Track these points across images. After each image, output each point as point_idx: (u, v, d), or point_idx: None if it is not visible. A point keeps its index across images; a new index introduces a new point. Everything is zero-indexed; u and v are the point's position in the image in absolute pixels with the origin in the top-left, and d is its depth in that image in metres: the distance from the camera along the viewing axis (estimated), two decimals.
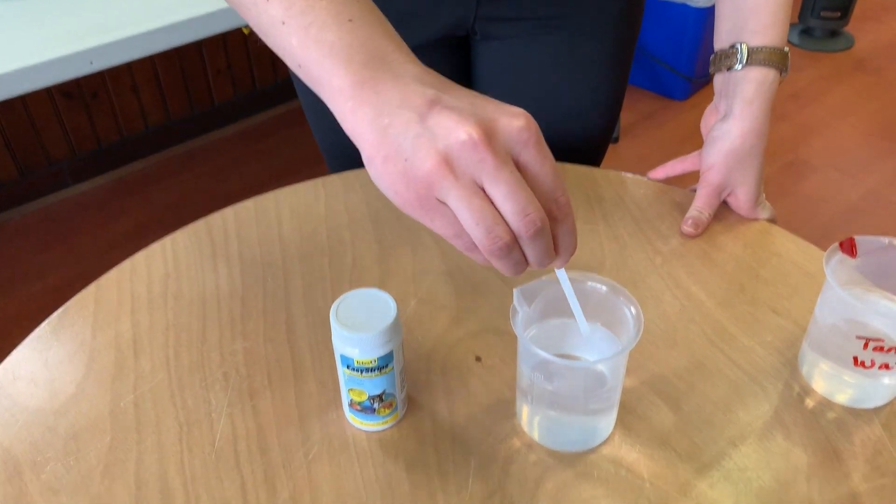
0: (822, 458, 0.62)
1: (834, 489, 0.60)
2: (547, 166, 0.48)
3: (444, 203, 0.47)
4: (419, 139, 0.46)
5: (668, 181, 0.91)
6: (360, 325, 0.59)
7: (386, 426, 0.65)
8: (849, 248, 0.64)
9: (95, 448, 0.64)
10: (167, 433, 0.65)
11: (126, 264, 0.82)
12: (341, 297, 0.61)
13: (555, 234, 0.50)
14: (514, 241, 0.47)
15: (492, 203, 0.47)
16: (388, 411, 0.64)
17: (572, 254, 0.52)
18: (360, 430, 0.65)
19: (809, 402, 0.66)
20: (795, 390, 0.67)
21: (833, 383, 0.66)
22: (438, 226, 0.47)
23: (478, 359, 0.71)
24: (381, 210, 0.87)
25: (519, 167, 0.47)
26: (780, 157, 2.60)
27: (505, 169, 0.46)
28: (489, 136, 0.45)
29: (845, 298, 0.60)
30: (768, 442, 0.63)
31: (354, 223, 0.86)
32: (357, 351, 0.59)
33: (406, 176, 0.46)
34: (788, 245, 0.82)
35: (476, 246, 0.47)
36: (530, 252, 0.49)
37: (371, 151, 0.47)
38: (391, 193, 0.47)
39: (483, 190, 0.46)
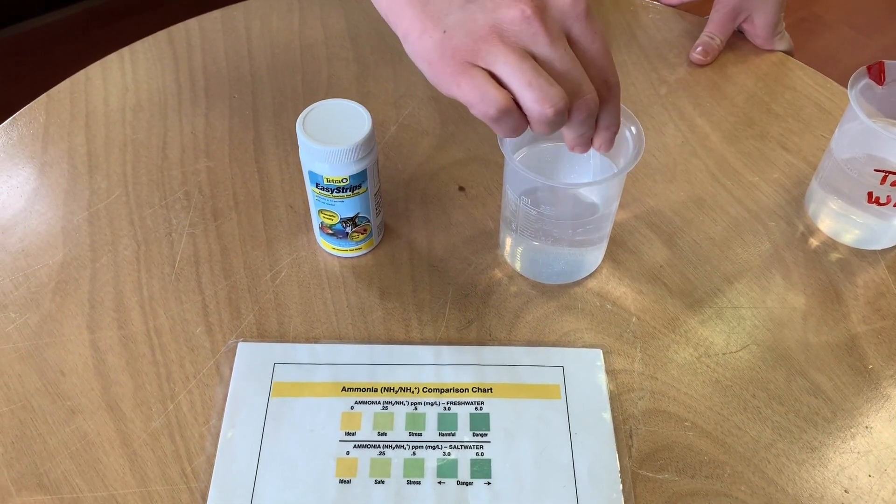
0: (822, 299, 0.58)
1: (831, 330, 0.57)
2: (598, 42, 0.44)
3: (478, 67, 0.42)
4: (464, 12, 0.43)
5: (683, 7, 0.82)
6: (330, 138, 0.53)
7: (359, 252, 0.61)
8: (877, 73, 0.57)
9: (46, 265, 0.59)
10: (123, 252, 0.60)
11: (80, 75, 0.74)
12: (309, 107, 0.54)
13: (598, 115, 0.45)
14: (567, 108, 0.42)
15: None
16: (361, 237, 0.60)
17: (615, 133, 0.47)
18: (331, 255, 0.61)
19: (813, 242, 0.62)
20: (799, 229, 0.63)
21: (840, 222, 0.61)
22: (465, 89, 0.42)
23: (461, 188, 0.66)
24: (361, 25, 0.79)
25: (570, 42, 0.43)
26: (793, 12, 2.46)
27: (559, 44, 0.42)
28: (541, 9, 0.42)
29: (869, 127, 0.54)
30: (766, 280, 0.60)
31: (331, 39, 0.78)
32: (327, 167, 0.54)
33: (442, 46, 0.42)
34: (805, 79, 0.75)
35: (501, 113, 0.42)
36: (575, 130, 0.45)
37: (407, 26, 0.44)
38: (424, 65, 0.44)
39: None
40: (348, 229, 0.58)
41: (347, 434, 0.51)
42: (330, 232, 0.59)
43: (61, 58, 2.07)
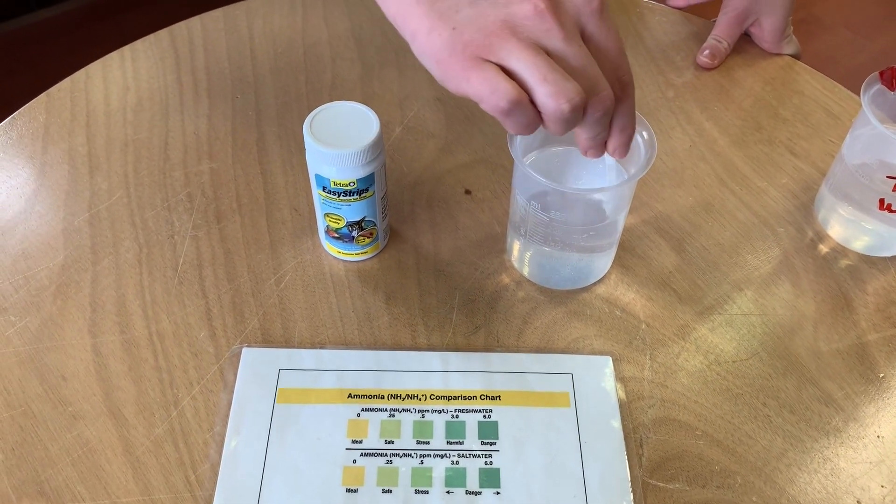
0: (832, 306, 0.58)
1: (841, 338, 0.56)
2: (613, 39, 0.43)
3: (489, 62, 0.41)
4: (474, 8, 0.41)
5: (690, 9, 0.82)
6: (337, 142, 0.52)
7: (365, 256, 0.60)
8: (889, 79, 0.57)
9: (47, 267, 0.58)
10: (125, 254, 0.59)
11: (80, 74, 0.73)
12: (317, 109, 0.53)
13: (612, 116, 0.44)
14: (583, 105, 0.41)
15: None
16: (367, 241, 0.59)
17: (630, 137, 0.46)
18: (337, 259, 0.60)
19: (823, 249, 0.62)
20: (809, 235, 0.63)
21: (851, 229, 0.61)
22: (475, 82, 0.40)
23: (467, 192, 0.65)
24: (365, 25, 0.78)
25: (584, 39, 0.42)
26: (792, 13, 2.46)
27: (573, 40, 0.41)
28: (555, 4, 0.41)
29: (882, 133, 0.54)
30: (776, 287, 0.59)
31: (335, 39, 0.77)
32: (334, 170, 0.53)
33: (452, 42, 0.41)
34: (813, 83, 0.75)
35: (513, 106, 0.40)
36: (590, 131, 0.44)
37: (415, 27, 0.42)
38: (433, 63, 0.42)
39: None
40: (354, 233, 0.57)
41: (354, 442, 0.50)
42: (336, 236, 0.58)
43: (58, 53, 2.05)
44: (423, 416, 0.51)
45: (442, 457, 0.49)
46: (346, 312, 0.57)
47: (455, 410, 0.52)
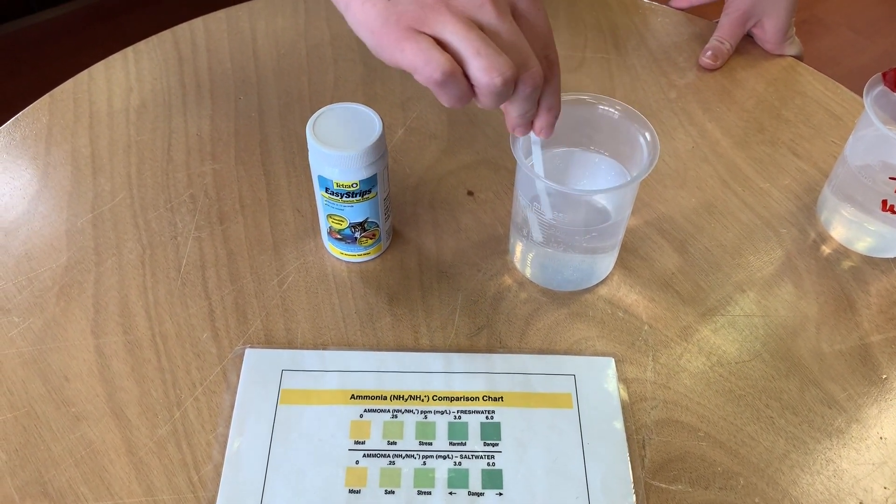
0: (835, 308, 0.58)
1: (844, 339, 0.56)
2: (542, 18, 0.44)
3: (423, 33, 0.41)
4: None
5: (692, 11, 0.82)
6: (340, 143, 0.52)
7: (368, 258, 0.60)
8: (892, 80, 0.57)
9: (50, 268, 0.58)
10: (128, 255, 0.59)
11: (83, 75, 0.73)
12: (320, 110, 0.53)
13: (540, 94, 0.45)
14: (514, 79, 0.42)
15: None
16: (370, 242, 0.59)
17: (556, 117, 0.46)
18: (339, 260, 0.60)
19: (825, 250, 0.62)
20: (811, 237, 0.63)
21: (853, 230, 0.61)
22: (409, 53, 0.41)
23: (470, 193, 0.65)
24: None
25: (515, 16, 0.43)
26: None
27: (505, 16, 0.42)
28: None
29: (885, 134, 0.54)
30: (778, 289, 0.59)
31: (337, 40, 0.77)
32: (337, 171, 0.53)
33: (386, 13, 0.41)
34: (815, 84, 0.75)
35: (446, 77, 0.41)
36: (519, 107, 0.44)
37: None
38: (366, 33, 0.43)
39: None
40: (357, 234, 0.58)
41: (357, 443, 0.50)
42: (338, 237, 0.58)
43: (60, 55, 2.06)
44: (425, 417, 0.51)
45: (444, 458, 0.49)
46: (349, 313, 0.57)
47: (457, 411, 0.52)
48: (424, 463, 0.49)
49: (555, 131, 0.47)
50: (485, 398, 0.52)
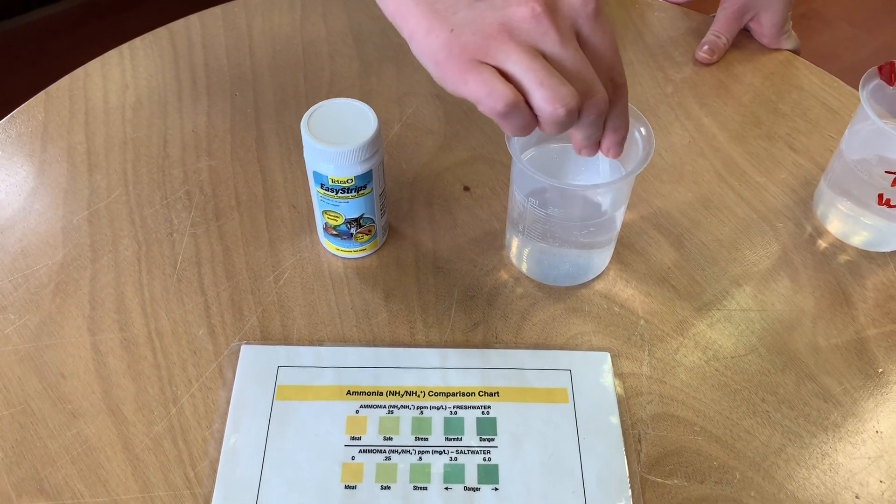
0: (831, 302, 0.58)
1: (840, 333, 0.56)
2: (608, 42, 0.43)
3: (486, 64, 0.41)
4: (472, 10, 0.42)
5: (689, 5, 0.82)
6: (335, 139, 0.52)
7: (364, 254, 0.60)
8: (888, 74, 0.57)
9: (46, 265, 0.58)
10: (124, 252, 0.59)
11: (79, 72, 0.73)
12: (314, 106, 0.53)
13: (606, 115, 0.45)
14: (578, 108, 0.42)
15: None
16: (366, 238, 0.59)
17: (624, 137, 0.46)
18: (335, 256, 0.60)
19: (822, 244, 0.62)
20: (807, 231, 0.62)
21: (849, 224, 0.61)
22: (472, 84, 0.41)
23: (466, 188, 0.65)
24: (364, 22, 0.78)
25: (580, 41, 0.43)
26: (793, 8, 2.45)
27: (569, 44, 0.42)
28: (551, 7, 0.42)
29: (881, 128, 0.54)
30: (774, 283, 0.59)
31: (333, 36, 0.77)
32: (332, 167, 0.53)
33: (450, 45, 0.41)
34: (812, 78, 0.75)
35: (509, 108, 0.41)
36: (584, 132, 0.44)
37: (413, 26, 0.43)
38: (431, 64, 0.43)
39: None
40: (353, 230, 0.57)
41: (353, 438, 0.50)
42: (334, 233, 0.58)
43: (58, 52, 2.05)
44: (421, 413, 0.51)
45: (440, 453, 0.49)
46: (345, 309, 0.57)
47: (453, 407, 0.52)
48: (420, 458, 0.49)
49: None
50: (481, 393, 0.52)
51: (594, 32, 0.43)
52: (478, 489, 0.48)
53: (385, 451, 0.49)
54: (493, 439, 0.50)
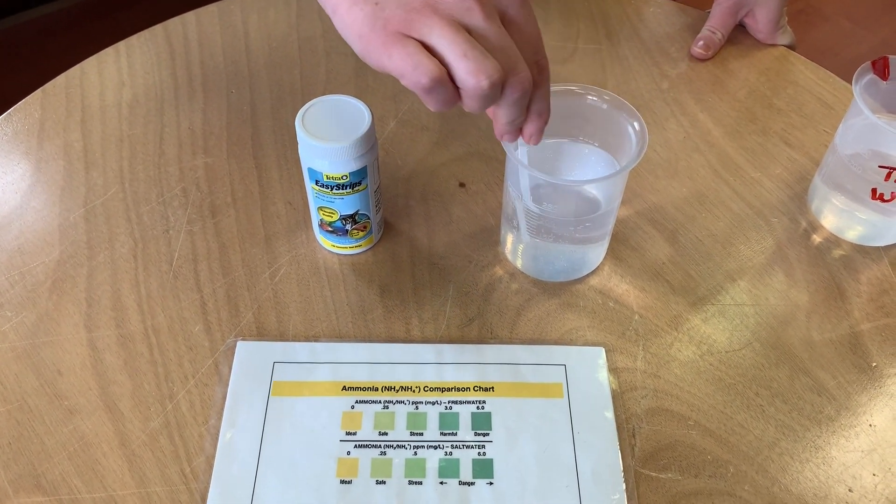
0: (825, 296, 0.58)
1: (834, 328, 0.56)
2: (532, 24, 0.44)
3: (410, 38, 0.41)
4: None
5: (684, 1, 0.82)
6: (330, 135, 0.52)
7: (359, 250, 0.60)
8: (882, 68, 0.57)
9: (43, 263, 0.59)
10: (121, 249, 0.60)
11: (75, 70, 0.73)
12: (309, 103, 0.53)
13: (530, 99, 0.44)
14: (502, 82, 0.41)
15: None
16: (361, 234, 0.59)
17: (545, 123, 0.46)
18: (331, 252, 0.60)
19: (816, 239, 0.62)
20: (802, 226, 0.63)
21: (844, 219, 0.61)
22: (396, 58, 0.40)
23: (461, 185, 0.65)
24: None
25: (504, 21, 0.43)
26: (791, 4, 2.44)
27: (494, 21, 0.42)
28: None
29: (874, 123, 0.54)
30: (769, 278, 0.59)
31: (330, 33, 0.77)
32: (326, 164, 0.53)
33: (373, 18, 0.41)
34: (807, 74, 0.75)
35: (434, 83, 0.40)
36: (507, 113, 0.44)
37: (336, 1, 0.42)
38: (354, 37, 0.42)
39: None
40: (348, 226, 0.58)
41: (348, 434, 0.50)
42: (329, 229, 0.58)
43: (56, 50, 2.05)
44: (416, 408, 0.51)
45: (435, 448, 0.50)
46: (341, 305, 0.57)
47: (448, 402, 0.52)
48: (415, 453, 0.49)
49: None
50: (476, 388, 0.52)
51: (518, 13, 0.43)
52: (473, 483, 0.48)
53: (380, 446, 0.50)
54: (487, 434, 0.50)
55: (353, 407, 0.51)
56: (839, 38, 2.30)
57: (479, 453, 0.50)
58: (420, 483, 0.48)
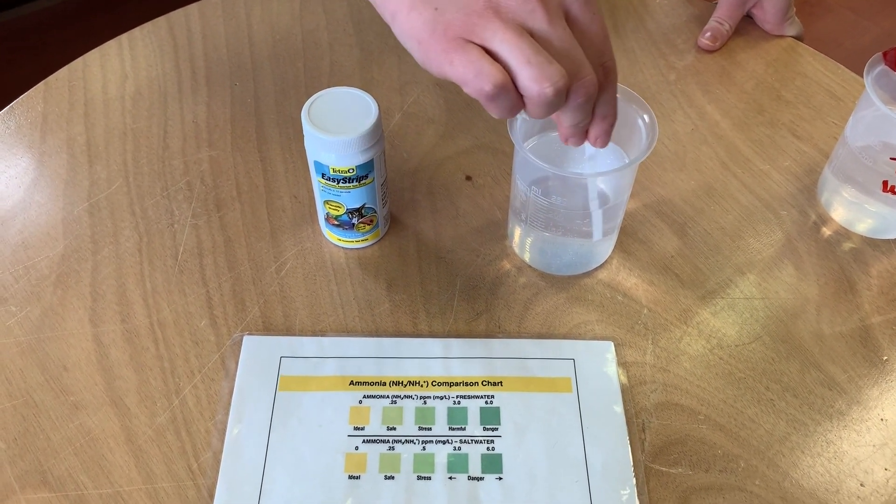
0: (835, 289, 0.58)
1: (845, 321, 0.56)
2: (597, 23, 0.42)
3: (472, 43, 0.39)
4: None
5: None
6: (336, 128, 0.52)
7: (366, 244, 0.60)
8: (893, 59, 0.56)
9: (47, 257, 0.58)
10: (125, 243, 0.59)
11: (78, 63, 0.73)
12: (315, 95, 0.53)
13: (595, 102, 0.43)
14: (566, 89, 0.40)
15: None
16: (368, 228, 0.58)
17: (612, 126, 0.45)
18: (337, 246, 0.60)
19: (826, 232, 0.61)
20: (812, 219, 0.62)
21: (854, 212, 0.60)
22: (458, 65, 0.39)
23: (468, 178, 0.65)
24: (364, 10, 0.78)
25: (568, 22, 0.41)
26: None
27: (558, 23, 0.40)
28: None
29: (886, 114, 0.53)
30: (778, 271, 0.59)
31: (333, 24, 0.77)
32: (333, 157, 0.53)
33: (433, 23, 0.40)
34: (816, 65, 0.74)
35: (497, 90, 0.39)
36: (571, 117, 0.43)
37: (396, 5, 0.41)
38: (413, 43, 0.41)
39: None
40: (354, 220, 0.57)
41: (356, 429, 0.50)
42: (336, 223, 0.58)
43: (59, 43, 2.05)
44: (424, 403, 0.51)
45: (444, 443, 0.49)
46: (347, 300, 0.56)
47: (457, 397, 0.51)
48: (424, 448, 0.49)
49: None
50: (484, 383, 0.52)
51: (583, 14, 0.41)
52: (482, 479, 0.48)
53: (388, 441, 0.49)
54: (496, 429, 0.50)
55: (360, 402, 0.51)
56: (843, 28, 2.29)
57: (487, 448, 0.49)
58: (429, 478, 0.48)
